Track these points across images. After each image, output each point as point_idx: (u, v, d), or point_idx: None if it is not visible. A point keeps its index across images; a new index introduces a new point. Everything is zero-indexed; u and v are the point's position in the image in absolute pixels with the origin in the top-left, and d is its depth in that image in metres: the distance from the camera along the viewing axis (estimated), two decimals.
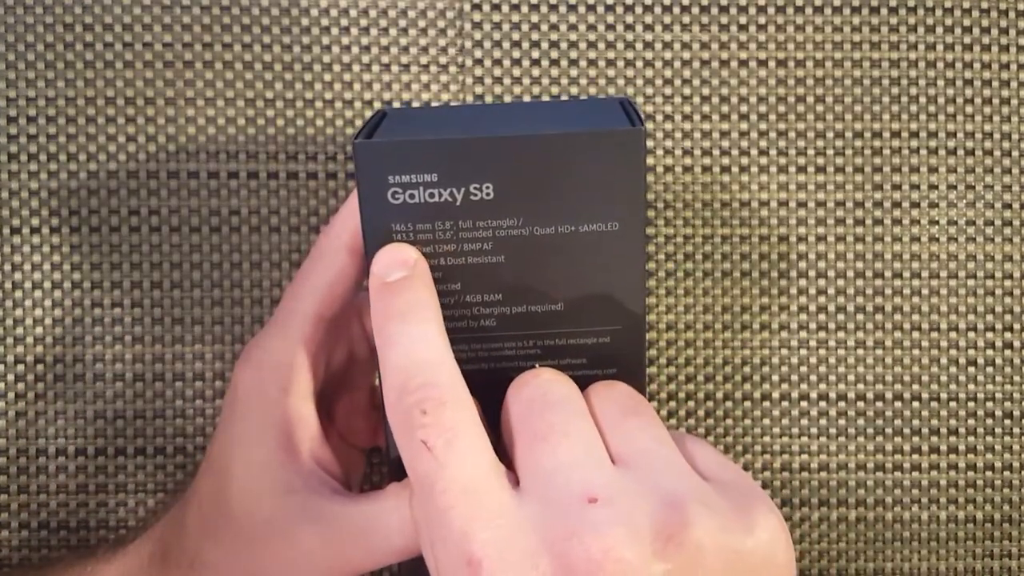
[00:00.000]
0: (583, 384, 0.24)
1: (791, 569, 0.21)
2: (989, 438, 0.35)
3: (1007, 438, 0.35)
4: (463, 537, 0.20)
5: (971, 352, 0.35)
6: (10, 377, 0.34)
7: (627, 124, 0.24)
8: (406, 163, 0.23)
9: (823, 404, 0.35)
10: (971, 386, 0.35)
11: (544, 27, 0.34)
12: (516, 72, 0.34)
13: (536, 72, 0.34)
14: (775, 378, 0.35)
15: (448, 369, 0.22)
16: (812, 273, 0.34)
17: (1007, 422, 0.35)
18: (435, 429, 0.21)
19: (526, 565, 0.20)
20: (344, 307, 0.28)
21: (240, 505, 0.27)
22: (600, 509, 0.20)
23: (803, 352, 0.35)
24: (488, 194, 0.24)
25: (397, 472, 0.26)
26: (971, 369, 0.35)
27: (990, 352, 0.35)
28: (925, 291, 0.35)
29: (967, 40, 0.34)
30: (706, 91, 0.34)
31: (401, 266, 0.24)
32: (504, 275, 0.24)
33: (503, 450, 0.23)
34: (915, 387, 0.35)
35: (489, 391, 0.24)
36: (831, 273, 0.34)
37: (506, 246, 0.24)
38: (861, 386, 0.35)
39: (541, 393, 0.23)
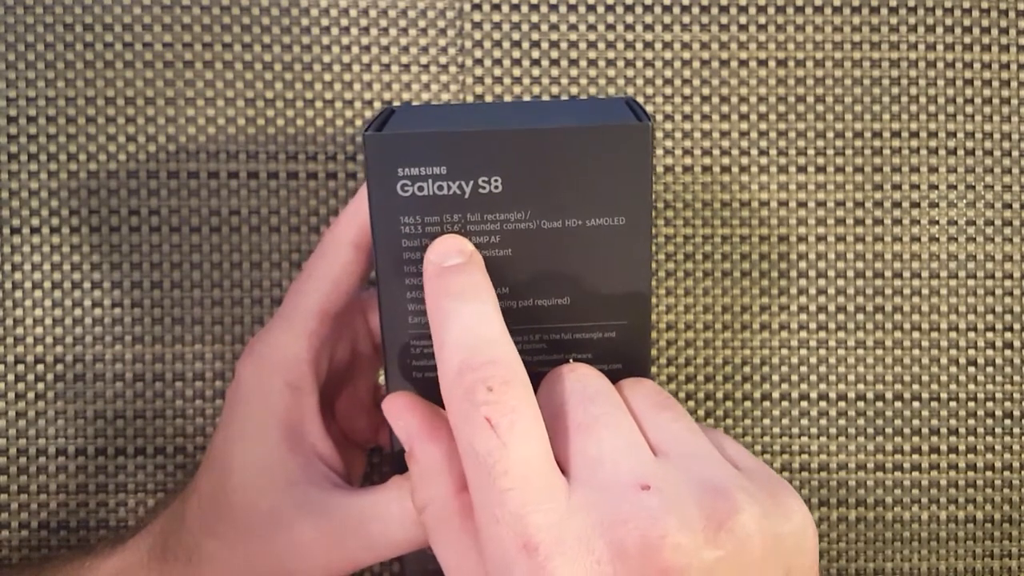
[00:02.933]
0: None
1: (817, 554, 0.22)
2: (989, 438, 0.35)
3: (1007, 438, 0.35)
4: (519, 520, 0.20)
5: (971, 352, 0.35)
6: (10, 377, 0.34)
7: (633, 120, 0.24)
8: (415, 155, 0.23)
9: (823, 404, 0.35)
10: (971, 386, 0.35)
11: (544, 27, 0.34)
12: (516, 72, 0.34)
13: (536, 72, 0.34)
14: (775, 378, 0.35)
15: (509, 349, 0.22)
16: (812, 273, 0.34)
17: (1007, 422, 0.35)
18: (500, 407, 0.21)
19: (581, 550, 0.20)
20: (349, 303, 0.28)
21: (240, 498, 0.27)
22: (653, 496, 0.20)
23: (803, 352, 0.35)
24: (496, 187, 0.24)
25: (399, 467, 0.26)
26: (971, 369, 0.35)
27: (990, 352, 0.35)
28: (925, 291, 0.35)
29: (967, 40, 0.34)
30: (706, 91, 0.34)
31: (458, 253, 0.24)
32: (511, 269, 0.25)
33: None
34: (915, 387, 0.35)
35: None
36: (831, 273, 0.34)
37: (514, 240, 0.24)
38: (861, 386, 0.35)
39: (581, 386, 0.23)
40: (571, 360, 0.25)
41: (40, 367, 0.34)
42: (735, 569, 0.20)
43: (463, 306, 0.22)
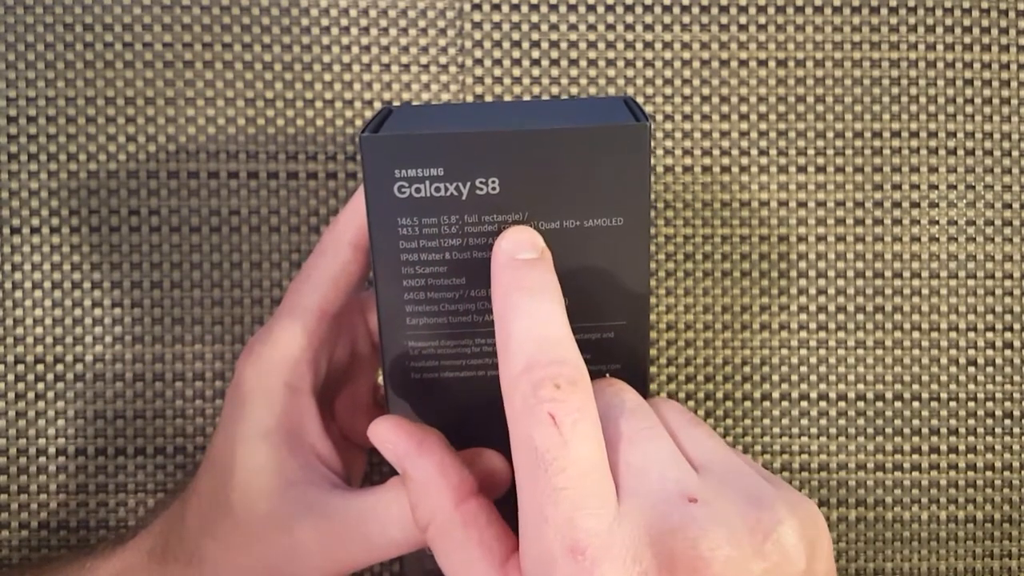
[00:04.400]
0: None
1: (832, 555, 0.22)
2: (989, 438, 0.35)
3: (1007, 438, 0.35)
4: (569, 522, 0.20)
5: (971, 352, 0.35)
6: (10, 377, 0.34)
7: (632, 120, 0.24)
8: (412, 157, 0.23)
9: (823, 404, 0.35)
10: (971, 386, 0.35)
11: (544, 27, 0.34)
12: (516, 72, 0.34)
13: (536, 72, 0.34)
14: (775, 378, 0.35)
15: (576, 351, 0.22)
16: (812, 273, 0.34)
17: (1007, 422, 0.35)
18: (565, 406, 0.21)
19: (628, 558, 0.20)
20: (348, 303, 0.28)
21: (240, 499, 0.27)
22: (700, 508, 0.21)
23: (803, 352, 0.35)
24: (494, 188, 0.24)
25: None
26: (971, 369, 0.35)
27: (990, 352, 0.35)
28: (925, 291, 0.35)
29: (967, 40, 0.34)
30: (706, 91, 0.34)
31: (532, 248, 0.24)
32: None
33: None
34: (915, 387, 0.35)
35: (494, 388, 0.24)
36: (831, 273, 0.34)
37: None
38: (861, 386, 0.35)
39: (620, 400, 0.24)
40: (607, 375, 0.25)
41: (40, 367, 0.34)
42: None
43: (534, 302, 0.22)
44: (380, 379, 0.32)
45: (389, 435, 0.24)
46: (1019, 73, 0.34)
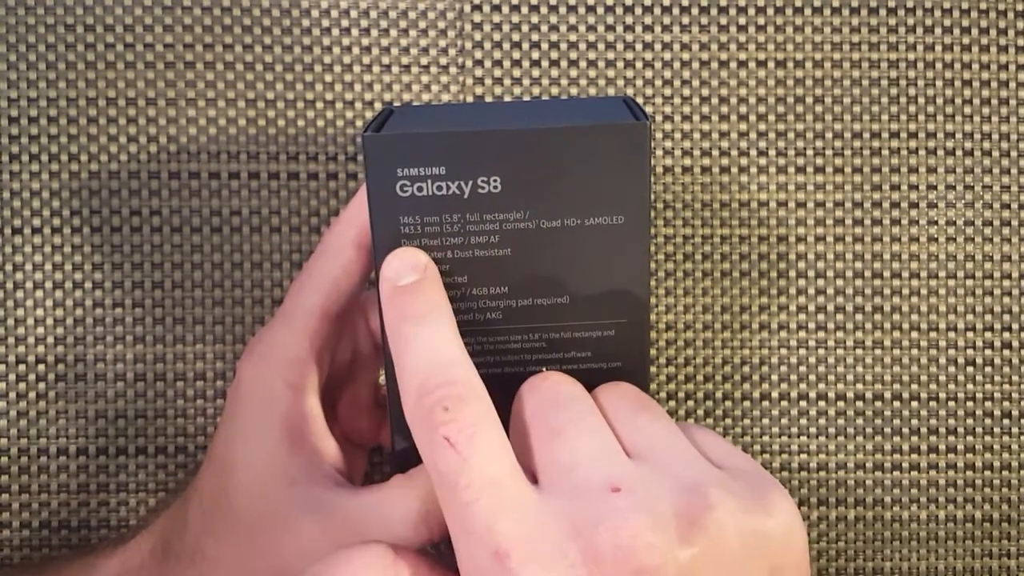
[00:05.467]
0: (588, 377, 0.25)
1: (806, 553, 0.22)
2: (988, 438, 0.35)
3: (1006, 438, 0.35)
4: (488, 530, 0.20)
5: (970, 352, 0.35)
6: (12, 377, 0.34)
7: (632, 119, 0.24)
8: (414, 156, 0.23)
9: (822, 404, 0.35)
10: (970, 386, 0.35)
11: (544, 27, 0.34)
12: (516, 72, 0.34)
13: (536, 72, 0.34)
14: (775, 378, 0.35)
15: (465, 367, 0.22)
16: (812, 273, 0.35)
17: (1006, 422, 0.35)
18: (457, 425, 0.21)
19: (555, 555, 0.20)
20: (349, 303, 0.28)
21: (242, 498, 0.27)
22: (623, 497, 0.20)
23: (803, 352, 0.35)
24: (495, 187, 0.24)
25: (400, 466, 0.27)
26: (970, 369, 0.35)
27: (989, 352, 0.35)
28: (924, 291, 0.35)
29: (966, 40, 0.34)
30: (706, 91, 0.34)
31: (412, 270, 0.24)
32: (510, 268, 0.25)
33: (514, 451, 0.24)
34: (914, 387, 0.35)
35: (495, 384, 0.24)
36: (831, 273, 0.35)
37: (513, 239, 0.24)
38: (860, 386, 0.35)
39: (552, 394, 0.24)
40: (543, 369, 0.25)
41: (42, 367, 0.34)
42: (712, 566, 0.20)
43: (417, 329, 0.23)
44: (381, 379, 0.32)
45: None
46: (1018, 73, 0.34)
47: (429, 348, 0.23)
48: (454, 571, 0.22)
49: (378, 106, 0.34)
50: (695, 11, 0.34)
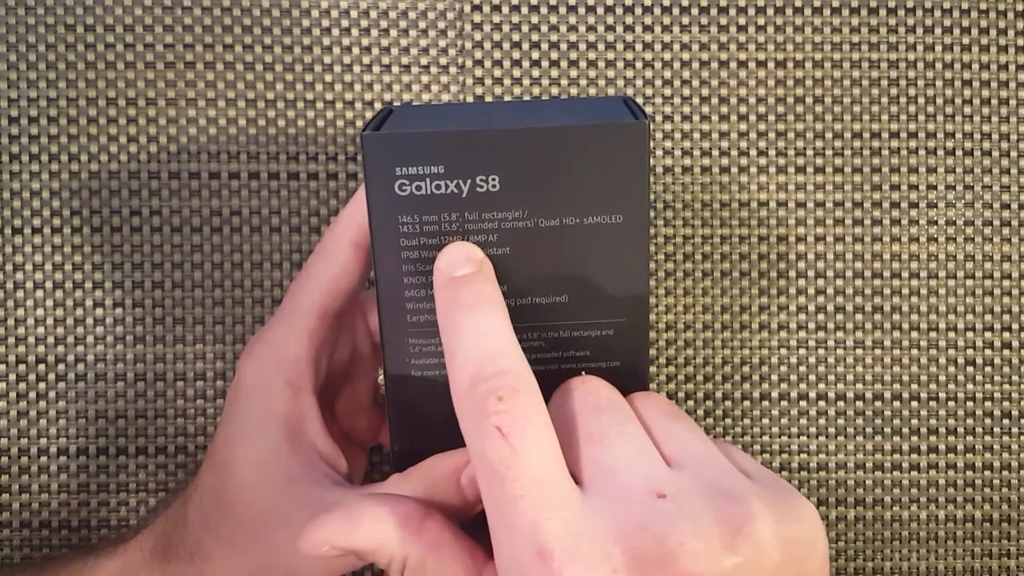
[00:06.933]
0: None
1: (827, 557, 0.22)
2: (988, 438, 0.35)
3: (1006, 438, 0.35)
4: (534, 527, 0.20)
5: (969, 352, 0.35)
6: (12, 377, 0.34)
7: (631, 118, 0.24)
8: (413, 155, 0.23)
9: (823, 404, 0.35)
10: (970, 386, 0.35)
11: (544, 27, 0.34)
12: (516, 72, 0.34)
13: (536, 72, 0.34)
14: (775, 378, 0.35)
15: (520, 359, 0.22)
16: (812, 273, 0.35)
17: (1006, 422, 0.35)
18: (510, 416, 0.21)
19: (598, 557, 0.20)
20: (348, 302, 0.28)
21: (242, 497, 0.27)
22: (669, 504, 0.21)
23: (803, 352, 0.35)
24: (494, 186, 0.24)
25: (399, 466, 0.27)
26: (970, 369, 0.35)
27: (989, 352, 0.35)
28: (924, 291, 0.35)
29: (966, 40, 0.34)
30: (706, 91, 0.34)
31: (467, 263, 0.24)
32: (509, 267, 0.25)
33: None
34: (914, 387, 0.35)
35: None
36: (831, 273, 0.35)
37: (511, 238, 0.24)
38: (860, 386, 0.35)
39: (593, 398, 0.24)
40: (583, 372, 0.25)
41: (42, 367, 0.34)
42: (752, 574, 0.20)
43: (473, 318, 0.23)
44: (381, 378, 0.32)
45: (328, 536, 0.24)
46: (1017, 73, 0.34)
47: (484, 337, 0.22)
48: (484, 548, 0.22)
49: (378, 106, 0.34)
50: (695, 11, 0.34)
